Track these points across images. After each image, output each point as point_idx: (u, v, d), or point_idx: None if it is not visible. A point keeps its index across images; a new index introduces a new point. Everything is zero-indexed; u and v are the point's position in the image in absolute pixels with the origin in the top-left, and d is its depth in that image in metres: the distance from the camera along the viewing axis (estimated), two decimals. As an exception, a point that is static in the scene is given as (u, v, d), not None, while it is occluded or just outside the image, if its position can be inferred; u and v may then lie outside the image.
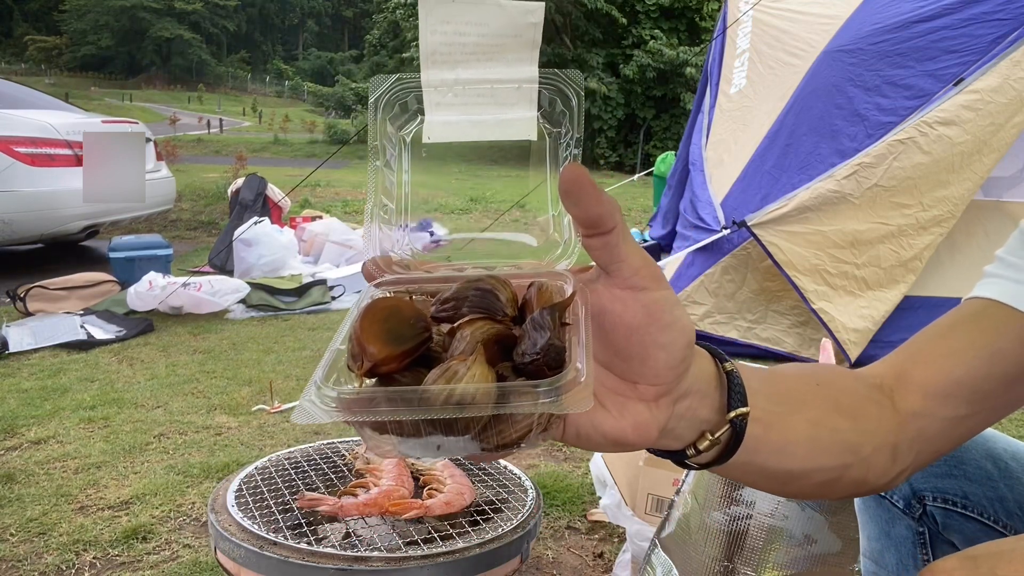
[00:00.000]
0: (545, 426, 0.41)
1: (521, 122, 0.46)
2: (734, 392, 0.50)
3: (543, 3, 0.44)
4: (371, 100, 0.45)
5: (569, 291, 0.44)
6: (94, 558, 1.83)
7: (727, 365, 0.51)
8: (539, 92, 0.46)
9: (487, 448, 0.41)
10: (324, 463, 1.52)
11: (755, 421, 0.51)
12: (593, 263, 0.45)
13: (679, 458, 0.51)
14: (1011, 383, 0.62)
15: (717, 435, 0.49)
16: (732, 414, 0.49)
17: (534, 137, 0.46)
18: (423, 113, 0.46)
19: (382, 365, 0.40)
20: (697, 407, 0.48)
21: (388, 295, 0.46)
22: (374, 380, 0.41)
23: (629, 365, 0.44)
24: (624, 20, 19.46)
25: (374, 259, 0.48)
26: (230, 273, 4.92)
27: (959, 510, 0.79)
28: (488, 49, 0.44)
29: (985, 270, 0.69)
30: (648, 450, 0.50)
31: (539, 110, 0.46)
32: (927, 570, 0.42)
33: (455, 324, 0.43)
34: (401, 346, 0.41)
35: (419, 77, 0.45)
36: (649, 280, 0.43)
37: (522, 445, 0.41)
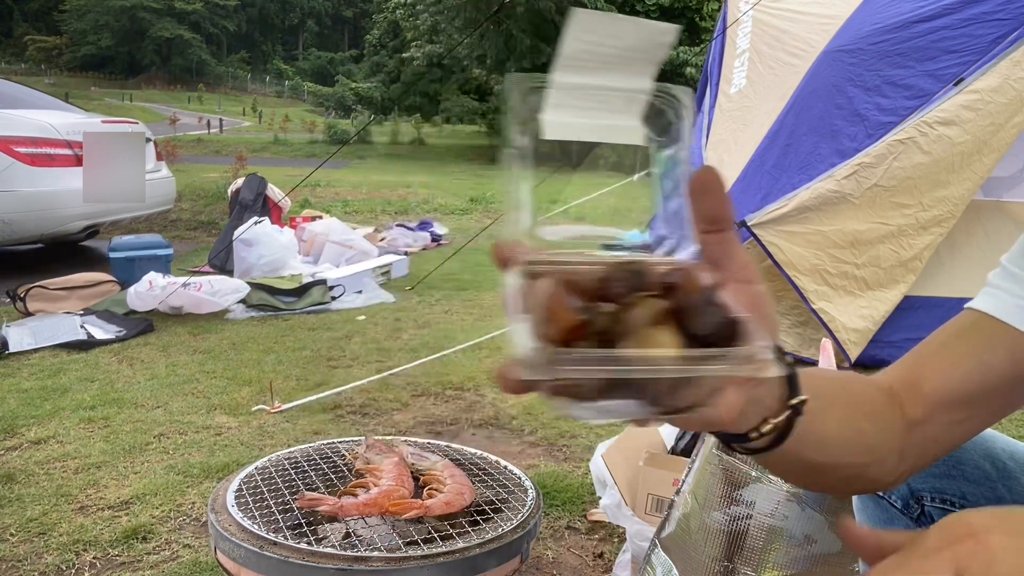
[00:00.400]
0: (715, 393, 0.45)
1: (630, 129, 0.51)
2: (792, 382, 0.54)
3: (678, 27, 0.49)
4: (507, 98, 0.49)
5: (704, 278, 0.48)
6: (94, 558, 1.83)
7: (787, 359, 0.55)
8: (649, 103, 0.50)
9: (663, 411, 0.45)
10: (324, 463, 1.52)
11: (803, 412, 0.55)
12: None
13: (741, 441, 0.55)
14: (1005, 392, 0.66)
15: (777, 421, 0.53)
16: (793, 401, 0.54)
17: (641, 143, 0.51)
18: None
19: (570, 334, 0.43)
20: (765, 395, 0.52)
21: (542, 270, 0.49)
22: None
23: None
24: (624, 20, 19.44)
25: (503, 242, 0.50)
26: (230, 273, 4.91)
27: (957, 510, 0.79)
28: (618, 61, 0.48)
29: (988, 278, 0.72)
30: (714, 433, 0.54)
31: (647, 119, 0.51)
32: (956, 517, 0.42)
33: (629, 299, 0.46)
34: (584, 316, 0.44)
35: (550, 79, 0.49)
36: (754, 274, 0.48)
37: (693, 412, 0.45)
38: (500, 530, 1.25)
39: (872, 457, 0.62)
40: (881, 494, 0.84)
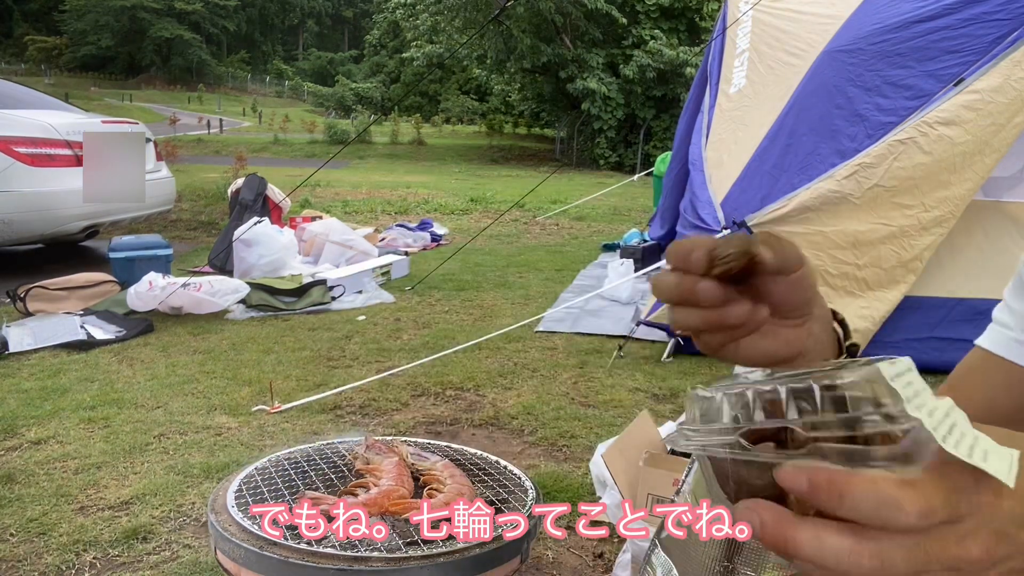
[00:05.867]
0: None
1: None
2: (846, 330, 0.60)
3: None
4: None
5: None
6: (94, 558, 1.83)
7: (839, 315, 0.61)
8: None
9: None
10: (324, 463, 1.52)
11: None
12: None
13: None
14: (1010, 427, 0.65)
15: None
16: (848, 342, 0.60)
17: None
18: None
19: None
20: (820, 333, 0.56)
21: None
22: None
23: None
24: (624, 20, 19.43)
25: None
26: (230, 273, 4.91)
27: None
28: None
29: (993, 314, 0.73)
30: None
31: None
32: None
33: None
34: None
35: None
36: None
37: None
38: (500, 530, 1.25)
39: None
40: None
